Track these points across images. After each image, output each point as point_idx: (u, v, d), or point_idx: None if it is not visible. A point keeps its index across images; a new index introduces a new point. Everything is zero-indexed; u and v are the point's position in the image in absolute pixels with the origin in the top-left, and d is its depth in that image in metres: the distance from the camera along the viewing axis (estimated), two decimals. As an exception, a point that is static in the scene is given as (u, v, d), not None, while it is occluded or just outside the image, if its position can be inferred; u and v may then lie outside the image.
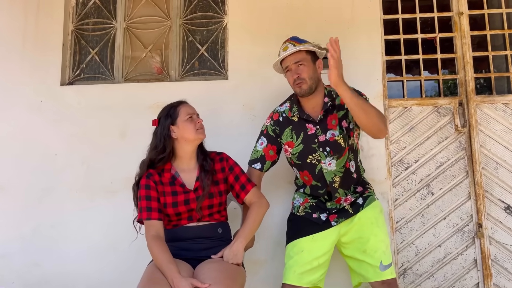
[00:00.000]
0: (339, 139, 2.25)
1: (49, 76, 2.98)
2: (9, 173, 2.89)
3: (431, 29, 2.99)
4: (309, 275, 2.23)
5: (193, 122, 2.18)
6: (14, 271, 2.79)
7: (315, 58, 2.30)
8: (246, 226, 2.14)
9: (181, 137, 2.17)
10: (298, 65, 2.24)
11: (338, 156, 2.27)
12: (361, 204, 2.33)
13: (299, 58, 2.25)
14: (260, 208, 2.21)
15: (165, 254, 1.97)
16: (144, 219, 2.08)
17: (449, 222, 2.76)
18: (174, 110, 2.20)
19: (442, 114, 2.87)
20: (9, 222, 2.84)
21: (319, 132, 2.27)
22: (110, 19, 3.14)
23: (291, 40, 2.31)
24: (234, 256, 2.06)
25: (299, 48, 2.24)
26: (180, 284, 1.84)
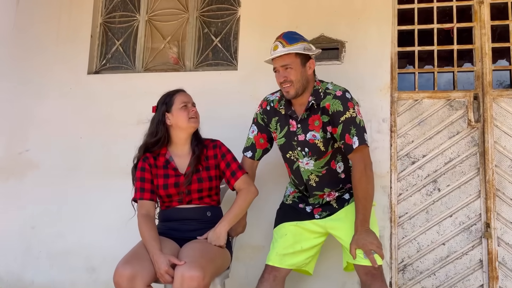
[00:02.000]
0: (319, 143, 2.04)
1: (78, 66, 3.03)
2: (43, 152, 2.97)
3: (448, 19, 2.70)
4: (291, 258, 2.10)
5: (186, 111, 2.13)
6: (41, 241, 2.87)
7: (306, 59, 2.05)
8: (231, 211, 2.07)
9: (175, 124, 2.14)
10: (285, 69, 2.02)
11: (317, 157, 2.07)
12: (347, 199, 2.13)
13: (287, 62, 2.01)
14: (247, 194, 2.11)
15: (151, 232, 1.97)
16: (137, 198, 2.10)
17: (455, 220, 2.51)
18: (170, 99, 2.16)
19: (455, 108, 2.60)
20: (41, 197, 2.92)
21: (299, 131, 2.08)
22: (134, 12, 3.08)
23: (282, 39, 2.04)
24: (217, 238, 2.01)
25: (287, 52, 2.00)
26: (159, 259, 1.84)
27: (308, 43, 2.08)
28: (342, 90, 2.05)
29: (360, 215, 1.98)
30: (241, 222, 2.26)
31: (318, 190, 2.14)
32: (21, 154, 3.03)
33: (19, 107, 3.08)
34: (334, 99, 2.02)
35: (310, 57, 2.07)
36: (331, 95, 2.04)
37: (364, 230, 1.96)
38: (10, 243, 2.95)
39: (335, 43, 2.65)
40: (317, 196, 2.16)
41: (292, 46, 2.02)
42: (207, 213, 2.14)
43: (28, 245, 2.93)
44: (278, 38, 2.07)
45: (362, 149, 2.00)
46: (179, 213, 2.12)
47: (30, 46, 3.13)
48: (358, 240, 1.96)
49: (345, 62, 2.64)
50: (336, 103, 2.01)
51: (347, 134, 1.99)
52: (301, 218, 2.18)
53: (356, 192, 2.00)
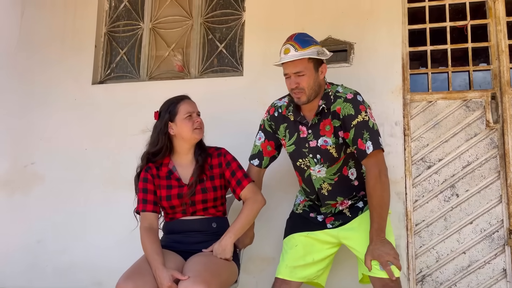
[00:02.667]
0: (331, 149, 1.93)
1: (82, 76, 2.96)
2: (48, 165, 2.90)
3: (462, 16, 2.57)
4: (302, 270, 1.98)
5: (191, 121, 2.03)
6: (47, 255, 2.78)
7: (319, 63, 1.93)
8: (237, 222, 1.95)
9: (178, 134, 2.04)
10: (298, 75, 1.89)
11: (329, 164, 1.95)
12: (361, 208, 2.00)
13: (300, 68, 1.88)
14: (254, 203, 1.99)
15: (153, 245, 1.88)
16: (140, 210, 2.01)
17: (475, 227, 2.36)
18: (174, 107, 2.06)
19: (472, 109, 2.46)
20: (46, 210, 2.84)
21: (311, 137, 1.96)
22: (138, 20, 3.01)
23: (294, 41, 1.90)
24: (223, 251, 1.90)
25: (300, 57, 1.87)
26: (161, 274, 1.74)
27: (321, 46, 1.96)
28: (353, 93, 1.94)
29: (375, 224, 1.85)
30: (249, 233, 2.15)
31: (331, 199, 2.02)
32: (26, 167, 2.97)
33: (25, 119, 3.03)
34: (345, 103, 1.91)
35: (322, 61, 1.95)
36: (341, 98, 1.92)
37: (379, 240, 1.83)
38: (17, 257, 2.88)
39: (343, 45, 2.54)
40: (329, 205, 2.04)
41: (305, 50, 1.89)
42: (212, 224, 2.03)
43: (34, 259, 2.85)
44: (289, 40, 1.94)
45: (377, 154, 1.87)
46: (183, 224, 2.02)
47: (35, 58, 3.09)
48: (374, 251, 1.82)
49: (354, 64, 2.53)
50: (347, 106, 1.90)
51: (360, 139, 1.87)
52: (312, 228, 2.06)
53: (371, 200, 1.87)
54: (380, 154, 1.89)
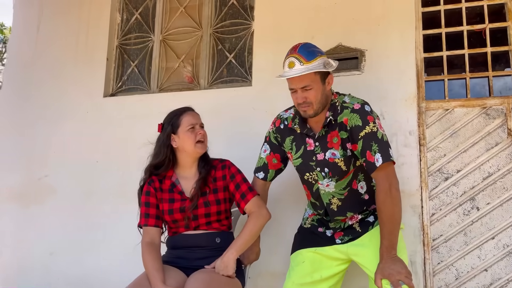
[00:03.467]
0: (340, 162, 1.83)
1: (94, 89, 2.96)
2: (61, 177, 2.92)
3: (479, 20, 2.43)
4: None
5: (194, 133, 1.97)
6: (59, 267, 2.78)
7: (326, 75, 1.83)
8: (241, 237, 1.87)
9: (181, 147, 1.99)
10: (305, 90, 1.79)
11: (338, 178, 1.85)
12: (371, 222, 1.90)
13: (307, 82, 1.78)
14: (258, 218, 1.90)
15: (154, 262, 1.82)
16: (142, 225, 1.97)
17: (498, 243, 2.19)
18: (177, 119, 2.01)
19: (492, 116, 2.31)
20: (59, 222, 2.84)
21: (318, 150, 1.87)
22: (148, 32, 3.01)
23: (298, 54, 1.79)
24: (225, 267, 1.81)
25: (306, 71, 1.76)
26: None
27: (326, 56, 1.86)
28: (360, 103, 1.84)
29: (385, 241, 1.73)
30: (254, 249, 2.07)
31: (340, 215, 1.93)
32: (40, 179, 2.98)
33: (39, 132, 3.05)
34: (352, 113, 1.81)
35: (329, 72, 1.85)
36: (348, 109, 1.83)
37: (390, 258, 1.71)
38: (31, 269, 2.89)
39: (354, 52, 2.44)
40: (338, 220, 1.93)
41: (311, 63, 1.78)
42: (216, 239, 1.96)
43: (47, 271, 2.85)
44: (293, 52, 1.83)
45: (386, 167, 1.77)
46: (186, 239, 1.96)
47: (49, 71, 3.12)
48: (384, 269, 1.70)
49: (365, 72, 2.42)
50: (354, 117, 1.80)
51: (368, 151, 1.77)
52: (321, 244, 1.97)
53: (381, 215, 1.76)
54: (390, 167, 1.78)
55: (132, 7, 3.13)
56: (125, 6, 3.14)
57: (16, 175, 3.03)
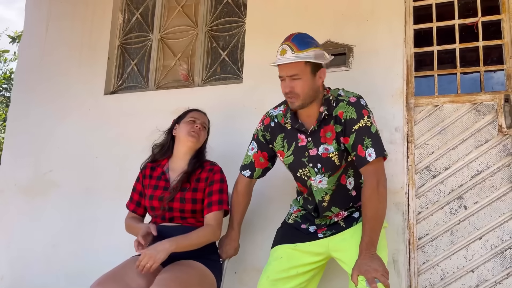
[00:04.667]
0: (334, 156, 1.81)
1: (96, 87, 3.05)
2: (64, 172, 3.03)
3: (472, 13, 2.35)
4: (284, 283, 1.86)
5: (190, 125, 2.10)
6: (60, 259, 2.90)
7: (318, 67, 1.80)
8: (187, 237, 1.88)
9: (177, 135, 2.13)
10: (293, 79, 1.78)
11: (330, 173, 1.84)
12: (356, 218, 1.88)
13: (295, 71, 1.76)
14: (209, 233, 1.95)
15: (134, 221, 2.09)
16: (126, 205, 2.19)
17: (485, 243, 2.12)
18: (185, 113, 2.19)
19: (482, 113, 2.22)
20: (61, 216, 2.96)
21: (310, 145, 1.85)
22: (148, 32, 3.09)
23: (291, 42, 1.78)
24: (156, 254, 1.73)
25: (296, 60, 1.75)
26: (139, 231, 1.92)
27: (322, 49, 1.84)
28: (356, 97, 1.83)
29: (366, 237, 1.72)
30: (233, 244, 2.10)
31: (328, 211, 1.92)
32: (45, 174, 3.10)
33: (45, 129, 3.17)
34: (348, 106, 1.80)
35: (321, 65, 1.83)
36: (344, 102, 1.82)
37: (369, 255, 1.69)
38: (34, 260, 3.00)
39: (342, 48, 2.41)
40: (326, 217, 1.92)
41: (303, 52, 1.76)
42: (191, 233, 1.98)
43: (48, 263, 2.96)
44: (288, 40, 1.82)
45: (377, 162, 1.76)
46: (161, 231, 2.02)
47: (55, 69, 3.24)
48: (361, 266, 1.68)
49: (353, 68, 2.40)
50: (350, 110, 1.79)
51: (360, 145, 1.76)
52: (302, 240, 1.96)
53: (365, 211, 1.74)
54: (380, 163, 1.77)
55: (133, 7, 3.21)
56: (127, 7, 3.22)
57: (24, 170, 3.16)
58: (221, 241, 2.11)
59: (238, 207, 2.10)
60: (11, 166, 3.21)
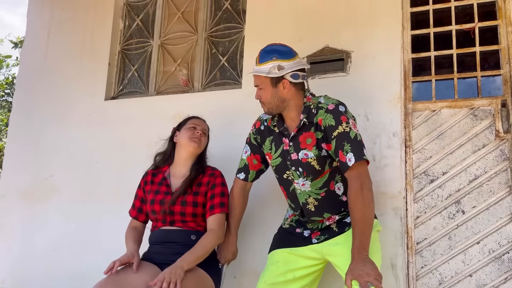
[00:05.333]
0: (313, 161, 1.85)
1: (97, 92, 3.07)
2: (64, 177, 3.04)
3: (469, 19, 2.37)
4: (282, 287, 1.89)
5: (192, 131, 2.14)
6: (61, 264, 2.91)
7: (279, 79, 1.86)
8: (193, 252, 1.89)
9: (179, 142, 2.17)
10: (258, 88, 1.92)
11: (313, 177, 1.87)
12: (348, 223, 1.88)
13: (257, 83, 1.92)
14: (214, 238, 1.97)
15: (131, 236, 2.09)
16: (129, 213, 2.22)
17: (483, 248, 2.12)
18: (185, 120, 2.23)
19: (480, 117, 2.23)
20: (61, 221, 2.97)
21: (292, 150, 1.90)
22: (148, 38, 3.11)
23: (258, 54, 1.92)
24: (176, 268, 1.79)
25: (254, 73, 1.90)
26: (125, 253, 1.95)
27: (285, 60, 1.87)
28: (335, 104, 1.86)
29: (356, 241, 1.73)
30: (231, 249, 2.11)
31: (317, 215, 1.93)
32: (46, 179, 3.12)
33: (46, 134, 3.19)
34: (326, 113, 1.84)
35: (283, 77, 1.87)
36: (323, 109, 1.86)
37: (361, 259, 1.70)
38: (34, 265, 3.02)
39: (340, 54, 2.43)
40: (316, 221, 1.94)
41: (261, 66, 1.89)
42: (191, 236, 2.02)
43: (49, 267, 2.97)
44: (260, 50, 1.95)
45: (358, 166, 1.77)
46: (162, 235, 2.05)
47: (57, 75, 3.27)
48: (354, 270, 1.69)
49: (351, 74, 2.41)
50: (328, 117, 1.82)
51: (341, 151, 1.79)
52: (297, 244, 1.98)
53: (352, 215, 1.76)
54: (362, 166, 1.78)
55: (134, 14, 3.23)
56: (128, 13, 3.25)
57: (25, 175, 3.18)
58: (219, 246, 2.12)
59: (234, 210, 2.12)
60: (12, 171, 3.23)
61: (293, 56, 1.90)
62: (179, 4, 3.09)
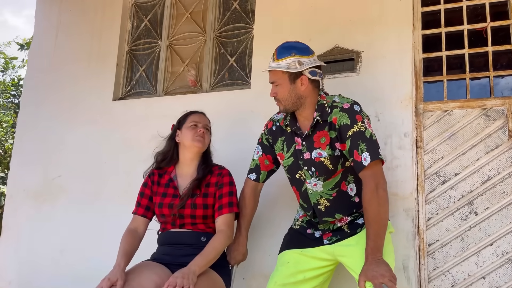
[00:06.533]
0: (326, 161, 1.82)
1: (104, 93, 3.07)
2: (72, 177, 3.03)
3: (481, 18, 2.34)
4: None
5: (194, 130, 2.08)
6: (68, 264, 2.90)
7: (297, 75, 1.84)
8: (204, 255, 1.85)
9: (182, 142, 2.10)
10: (275, 85, 1.88)
11: (325, 177, 1.84)
12: (361, 224, 1.86)
13: (274, 79, 1.88)
14: (224, 238, 1.93)
15: (125, 245, 1.98)
16: (132, 212, 2.12)
17: (496, 250, 2.09)
18: (185, 117, 2.15)
19: (492, 118, 2.21)
20: (69, 221, 2.96)
21: (304, 149, 1.87)
22: (156, 38, 3.10)
23: (275, 50, 1.89)
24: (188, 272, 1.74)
25: (272, 68, 1.86)
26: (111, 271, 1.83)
27: (304, 56, 1.86)
28: (350, 103, 1.83)
29: (371, 242, 1.70)
30: (241, 250, 2.09)
31: (329, 216, 1.91)
32: (54, 179, 3.11)
33: (54, 135, 3.18)
34: (341, 112, 1.81)
35: (302, 73, 1.85)
36: (338, 108, 1.84)
37: (375, 260, 1.67)
38: (42, 265, 3.00)
39: (350, 54, 2.41)
40: (327, 222, 1.91)
41: (278, 61, 1.86)
42: (201, 238, 1.99)
43: (56, 268, 2.96)
44: (277, 47, 1.92)
45: (374, 166, 1.75)
46: (172, 236, 2.02)
47: (64, 76, 3.26)
48: (368, 271, 1.66)
49: (361, 73, 2.39)
50: (343, 116, 1.80)
51: (356, 150, 1.76)
52: (308, 245, 1.95)
53: (367, 215, 1.73)
54: (377, 166, 1.76)
55: (142, 14, 3.22)
56: (136, 14, 3.24)
57: (32, 175, 3.17)
58: (229, 247, 2.10)
59: (245, 210, 2.09)
60: (20, 171, 3.22)
61: (311, 53, 1.89)
62: (187, 5, 3.08)
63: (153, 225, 2.20)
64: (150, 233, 2.18)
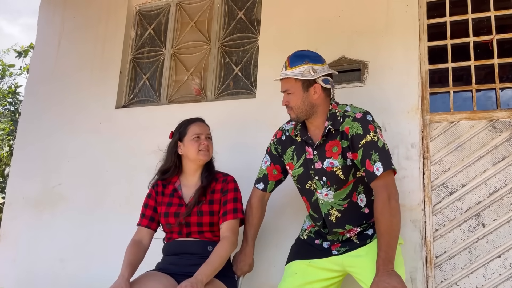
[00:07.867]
0: (338, 170, 1.80)
1: (107, 101, 3.04)
2: (73, 186, 2.99)
3: (487, 31, 2.36)
4: None
5: (198, 143, 2.04)
6: (67, 274, 2.85)
7: (310, 83, 1.83)
8: (210, 263, 1.83)
9: (185, 154, 2.07)
10: (287, 93, 1.86)
11: (337, 187, 1.82)
12: (370, 235, 1.85)
13: (286, 87, 1.86)
14: (228, 245, 1.91)
15: (130, 256, 1.94)
16: (137, 224, 2.09)
17: (504, 262, 2.07)
18: (184, 128, 2.10)
19: (499, 129, 2.21)
20: (69, 230, 2.91)
21: (316, 159, 1.85)
22: (160, 46, 3.09)
23: (288, 59, 1.88)
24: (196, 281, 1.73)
25: (285, 76, 1.84)
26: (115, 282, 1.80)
27: (317, 64, 1.86)
28: (362, 112, 1.83)
29: (382, 253, 1.68)
30: (247, 260, 2.06)
31: (339, 227, 1.88)
32: (54, 187, 3.06)
33: (55, 142, 3.15)
34: (354, 122, 1.80)
35: (315, 81, 1.84)
36: (350, 117, 1.82)
37: (386, 271, 1.65)
38: (41, 275, 2.95)
39: (357, 64, 2.41)
40: (337, 233, 1.89)
41: (291, 69, 1.85)
42: (208, 247, 1.96)
43: (56, 278, 2.91)
44: (289, 56, 1.91)
45: (386, 176, 1.74)
46: (178, 246, 1.99)
47: (67, 84, 3.24)
48: (379, 283, 1.64)
49: (367, 84, 2.38)
50: (355, 126, 1.79)
51: (368, 160, 1.75)
52: (316, 256, 1.93)
53: (378, 226, 1.71)
54: (390, 176, 1.75)
55: (146, 23, 3.22)
56: (140, 22, 3.24)
57: (32, 183, 3.13)
58: (235, 257, 2.07)
59: (252, 220, 2.07)
60: (19, 179, 3.17)
61: (323, 61, 1.89)
62: (192, 14, 3.08)
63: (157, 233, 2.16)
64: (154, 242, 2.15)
